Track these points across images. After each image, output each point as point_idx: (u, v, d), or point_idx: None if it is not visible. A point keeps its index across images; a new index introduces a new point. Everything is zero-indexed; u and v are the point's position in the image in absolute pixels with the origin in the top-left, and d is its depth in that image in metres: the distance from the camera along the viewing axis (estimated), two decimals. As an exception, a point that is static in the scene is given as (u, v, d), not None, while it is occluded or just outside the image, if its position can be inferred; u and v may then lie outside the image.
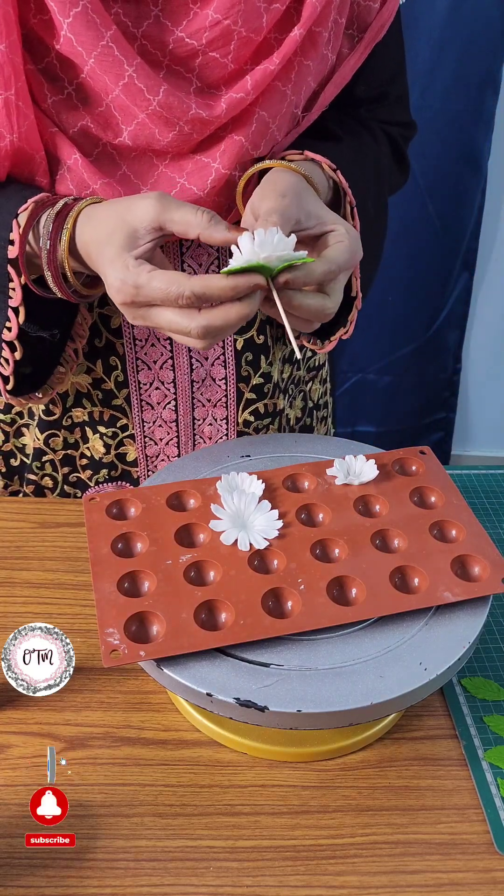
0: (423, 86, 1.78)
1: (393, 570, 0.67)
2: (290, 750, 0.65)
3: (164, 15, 0.70)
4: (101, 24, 0.67)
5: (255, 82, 0.72)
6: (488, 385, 2.25)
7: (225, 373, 0.87)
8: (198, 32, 0.70)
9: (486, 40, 1.75)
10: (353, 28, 0.80)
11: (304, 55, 0.75)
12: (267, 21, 0.71)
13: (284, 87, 0.75)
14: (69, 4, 0.66)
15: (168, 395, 0.87)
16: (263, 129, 0.75)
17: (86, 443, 0.91)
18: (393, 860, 0.59)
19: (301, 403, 0.99)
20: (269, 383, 0.90)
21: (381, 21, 0.80)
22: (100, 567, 0.67)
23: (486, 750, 0.66)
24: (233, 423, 0.90)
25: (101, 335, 0.84)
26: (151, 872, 0.58)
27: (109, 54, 0.67)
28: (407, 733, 0.68)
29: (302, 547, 0.68)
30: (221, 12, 0.69)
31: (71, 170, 0.72)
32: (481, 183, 1.92)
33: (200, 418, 0.89)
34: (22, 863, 0.58)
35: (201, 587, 0.65)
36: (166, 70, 0.71)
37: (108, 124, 0.72)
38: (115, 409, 0.88)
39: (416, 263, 1.97)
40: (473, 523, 0.72)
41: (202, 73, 0.72)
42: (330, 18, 0.74)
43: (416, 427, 2.22)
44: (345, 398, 2.14)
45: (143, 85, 0.69)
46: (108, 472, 0.92)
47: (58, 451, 0.91)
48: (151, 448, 0.90)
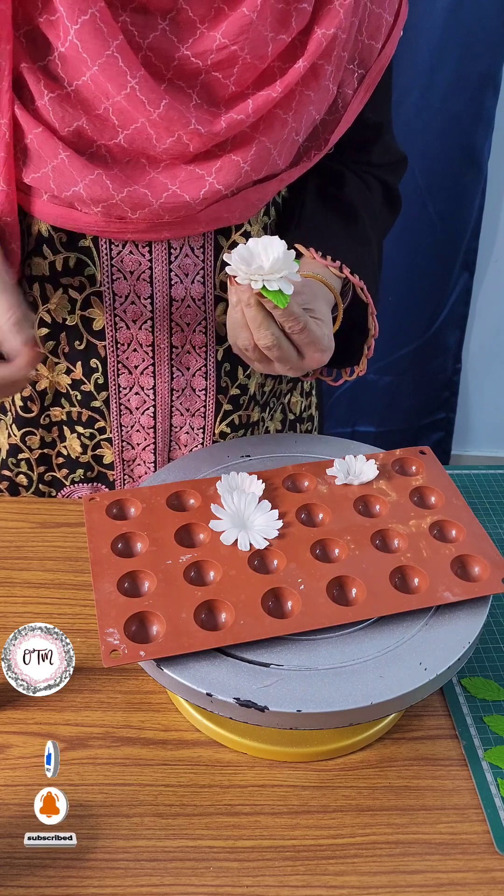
0: (423, 86, 1.78)
1: (393, 570, 0.67)
2: (290, 750, 0.65)
3: (172, 30, 0.70)
4: (107, 34, 0.67)
5: (256, 107, 0.72)
6: (488, 385, 2.25)
7: (206, 384, 0.88)
8: (203, 54, 0.70)
9: (486, 40, 1.75)
10: (355, 64, 0.80)
11: (307, 86, 0.76)
12: (272, 50, 0.72)
13: (285, 114, 0.75)
14: (78, 11, 0.66)
15: (147, 401, 0.87)
16: (265, 154, 0.75)
17: (63, 441, 0.91)
18: (393, 860, 0.59)
19: (281, 416, 0.99)
20: (245, 395, 0.91)
21: (381, 64, 0.81)
22: (100, 567, 0.67)
23: (486, 750, 0.66)
24: (209, 432, 0.91)
25: (81, 337, 0.84)
26: (151, 872, 0.58)
27: (114, 64, 0.68)
28: (407, 733, 0.68)
29: (302, 547, 0.68)
30: (229, 37, 0.69)
31: (56, 169, 0.72)
32: (481, 183, 1.91)
33: (178, 426, 0.89)
34: (22, 863, 0.58)
35: (201, 587, 0.65)
36: (168, 83, 0.71)
37: (104, 126, 0.72)
38: (94, 410, 0.88)
39: (416, 263, 1.97)
40: (473, 523, 0.72)
41: (203, 90, 0.72)
42: (334, 53, 0.75)
43: (416, 427, 2.22)
44: (345, 398, 2.14)
45: (144, 97, 0.69)
46: (84, 472, 0.92)
47: (34, 449, 0.91)
48: (128, 452, 0.90)
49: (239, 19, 0.69)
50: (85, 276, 0.80)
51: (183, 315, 0.83)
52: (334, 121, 0.81)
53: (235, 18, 0.69)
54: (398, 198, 0.97)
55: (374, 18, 0.78)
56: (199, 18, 0.70)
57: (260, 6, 0.69)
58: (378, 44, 0.80)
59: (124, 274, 0.80)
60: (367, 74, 0.81)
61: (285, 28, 0.72)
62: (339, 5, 0.73)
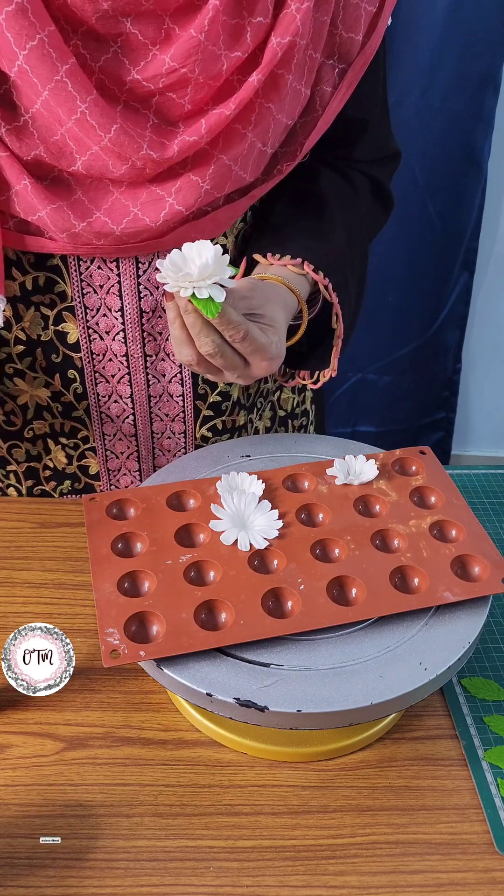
0: (423, 86, 1.78)
1: (393, 570, 0.67)
2: (290, 750, 0.65)
3: (124, 53, 0.69)
4: (56, 59, 0.66)
5: (209, 126, 0.71)
6: (488, 385, 2.25)
7: (182, 390, 0.87)
8: (154, 78, 0.69)
9: (486, 40, 1.75)
10: (335, 59, 0.78)
11: (266, 98, 0.73)
12: (227, 67, 0.70)
13: (245, 129, 0.73)
14: (25, 37, 0.65)
15: (127, 409, 0.87)
16: (225, 171, 0.74)
17: (48, 454, 0.91)
18: (393, 860, 0.59)
19: (270, 413, 0.98)
20: (228, 402, 0.90)
21: (365, 57, 0.78)
22: (100, 567, 0.67)
23: (486, 750, 0.66)
24: (191, 437, 0.90)
25: (57, 351, 0.84)
26: (151, 872, 0.58)
27: (63, 89, 0.67)
28: (407, 733, 0.68)
29: (302, 547, 0.68)
30: (178, 60, 0.68)
31: (19, 194, 0.72)
32: (481, 183, 1.91)
33: (159, 432, 0.89)
34: (22, 863, 0.58)
35: (201, 587, 0.65)
36: (123, 105, 0.70)
37: (61, 153, 0.71)
38: (76, 420, 0.88)
39: (416, 263, 1.97)
40: (473, 523, 0.72)
41: (159, 110, 0.71)
42: (293, 61, 0.72)
43: (416, 427, 2.22)
44: (345, 398, 2.14)
45: (95, 122, 0.68)
46: (72, 483, 0.92)
47: (21, 462, 0.92)
48: (113, 461, 0.90)
49: (187, 41, 0.67)
50: (55, 294, 0.80)
51: (154, 325, 0.83)
52: (312, 122, 0.79)
53: (184, 41, 0.67)
54: (390, 195, 0.94)
55: (352, 9, 0.75)
56: (149, 41, 0.68)
57: (208, 26, 0.67)
58: (358, 36, 0.77)
59: (94, 288, 0.80)
60: (349, 69, 0.78)
61: (239, 44, 0.70)
62: (295, 10, 0.70)
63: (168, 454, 0.91)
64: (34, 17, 0.64)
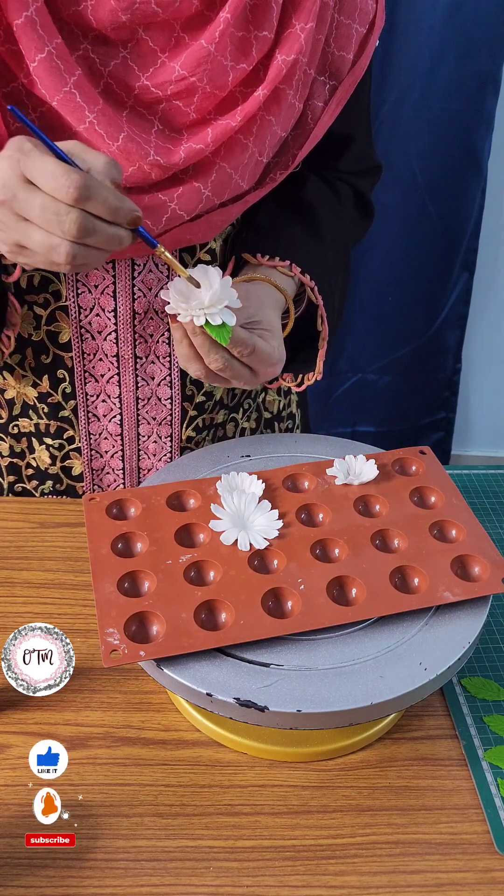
0: (423, 86, 1.78)
1: (393, 570, 0.67)
2: (290, 750, 0.65)
3: (132, 59, 0.70)
4: (64, 70, 0.67)
5: (215, 136, 0.72)
6: (488, 385, 2.25)
7: (171, 393, 0.88)
8: (163, 84, 0.70)
9: (486, 40, 1.75)
10: (326, 76, 0.80)
11: (268, 111, 0.76)
12: (233, 79, 0.72)
13: (246, 139, 0.75)
14: (35, 50, 0.66)
15: (114, 409, 0.88)
16: (226, 179, 0.76)
17: (32, 453, 0.91)
18: (393, 860, 0.59)
19: (256, 415, 0.99)
20: (211, 401, 0.91)
21: (355, 76, 0.81)
22: (100, 567, 0.67)
23: (486, 750, 0.66)
24: (177, 440, 0.91)
25: (48, 351, 0.84)
26: (151, 872, 0.58)
27: (71, 100, 0.68)
28: (407, 733, 0.68)
29: (302, 547, 0.68)
30: (188, 69, 0.69)
31: None
32: (481, 183, 1.91)
33: (145, 435, 0.90)
34: (22, 863, 0.58)
35: (201, 587, 0.65)
36: (130, 110, 0.72)
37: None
38: (62, 420, 0.88)
39: (416, 263, 1.97)
40: (473, 523, 0.72)
41: (164, 117, 0.73)
42: (295, 78, 0.75)
43: (416, 427, 2.22)
44: (345, 398, 2.14)
45: (103, 131, 0.69)
46: (54, 484, 0.92)
47: (5, 456, 0.92)
48: (97, 461, 0.91)
49: (197, 51, 0.69)
50: (50, 293, 0.81)
51: (146, 327, 0.83)
52: (303, 134, 0.81)
53: (194, 50, 0.69)
54: (370, 206, 0.96)
55: (344, 29, 0.78)
56: (159, 48, 0.70)
57: (219, 38, 0.69)
58: (349, 54, 0.80)
59: (89, 288, 0.80)
60: (339, 86, 0.81)
61: (245, 56, 0.72)
62: (299, 30, 0.73)
63: (153, 458, 0.91)
64: (42, 29, 0.66)
